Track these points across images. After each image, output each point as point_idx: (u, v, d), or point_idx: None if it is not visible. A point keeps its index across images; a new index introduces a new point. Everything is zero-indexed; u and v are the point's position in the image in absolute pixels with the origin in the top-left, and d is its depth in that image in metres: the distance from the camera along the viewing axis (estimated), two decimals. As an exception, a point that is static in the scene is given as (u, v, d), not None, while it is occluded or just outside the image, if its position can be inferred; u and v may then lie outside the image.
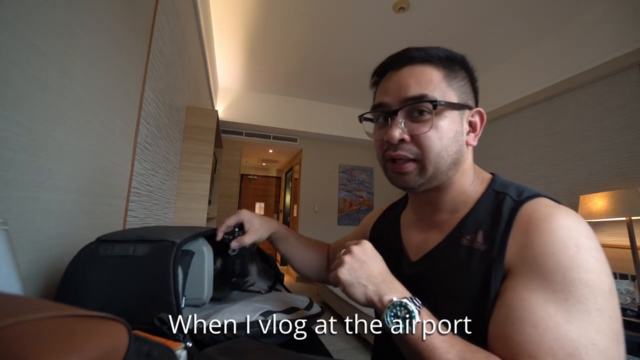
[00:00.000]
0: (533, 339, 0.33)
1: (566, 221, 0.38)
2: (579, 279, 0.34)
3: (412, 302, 0.38)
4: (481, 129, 0.50)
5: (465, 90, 0.49)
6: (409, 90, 0.46)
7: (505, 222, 0.42)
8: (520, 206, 0.42)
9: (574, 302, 0.33)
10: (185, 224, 1.80)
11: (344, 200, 4.57)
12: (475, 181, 0.50)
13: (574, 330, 0.32)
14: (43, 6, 0.52)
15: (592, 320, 0.32)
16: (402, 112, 0.46)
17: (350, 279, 0.41)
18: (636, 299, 1.58)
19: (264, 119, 4.02)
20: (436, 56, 0.48)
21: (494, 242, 0.41)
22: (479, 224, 0.45)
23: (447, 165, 0.46)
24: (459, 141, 0.47)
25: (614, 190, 1.89)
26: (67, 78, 0.61)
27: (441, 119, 0.45)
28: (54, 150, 0.58)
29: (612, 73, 2.15)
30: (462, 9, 2.26)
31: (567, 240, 0.36)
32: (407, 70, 0.48)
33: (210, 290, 0.57)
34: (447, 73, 0.48)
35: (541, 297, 0.35)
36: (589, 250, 0.36)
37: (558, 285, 0.34)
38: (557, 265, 0.35)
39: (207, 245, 0.58)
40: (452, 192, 0.49)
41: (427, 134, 0.45)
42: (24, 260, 0.51)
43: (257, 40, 2.83)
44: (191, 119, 1.90)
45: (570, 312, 0.33)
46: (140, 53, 1.03)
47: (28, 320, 0.19)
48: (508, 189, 0.46)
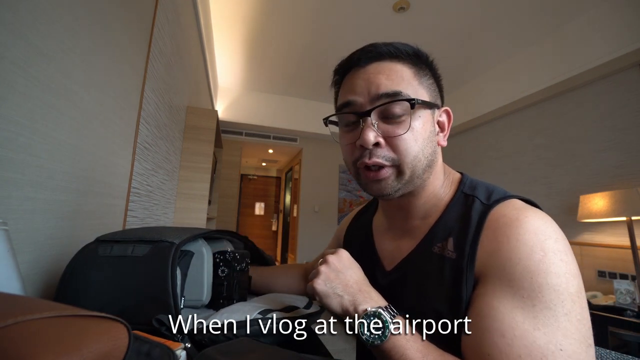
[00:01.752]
0: (502, 349, 0.33)
1: (533, 224, 0.37)
2: (546, 284, 0.34)
3: (387, 311, 0.38)
4: (449, 129, 0.49)
5: (433, 88, 0.47)
6: (380, 87, 0.42)
7: (474, 229, 0.41)
8: (489, 211, 0.41)
9: (542, 308, 0.33)
10: (185, 224, 1.80)
11: (344, 200, 4.57)
12: (445, 182, 0.49)
13: (542, 337, 0.32)
14: (43, 6, 0.52)
15: (560, 326, 0.32)
16: (374, 113, 0.43)
17: (326, 290, 0.41)
18: (636, 299, 1.58)
19: (264, 119, 4.01)
20: (405, 52, 0.44)
21: (463, 250, 0.40)
22: (449, 230, 0.44)
23: (423, 168, 0.44)
24: (433, 142, 0.45)
25: (614, 190, 1.89)
26: (67, 78, 0.61)
27: (415, 119, 0.42)
28: (54, 150, 0.58)
29: (612, 73, 2.15)
30: (462, 9, 2.26)
31: (534, 244, 0.36)
32: (374, 66, 0.44)
33: (210, 292, 0.57)
34: (417, 70, 0.45)
35: (509, 305, 0.34)
36: (556, 254, 0.35)
37: (525, 291, 0.34)
38: (524, 271, 0.35)
39: (207, 246, 0.58)
40: (424, 197, 0.48)
41: (403, 137, 0.42)
42: (24, 260, 0.51)
43: (257, 40, 2.83)
44: (191, 119, 1.90)
45: (537, 318, 0.33)
46: (140, 53, 1.03)
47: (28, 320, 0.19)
48: (477, 191, 0.45)
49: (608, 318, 1.51)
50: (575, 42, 2.28)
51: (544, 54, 2.51)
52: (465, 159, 3.54)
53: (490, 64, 2.98)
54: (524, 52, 2.69)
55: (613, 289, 1.67)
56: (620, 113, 2.10)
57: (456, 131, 3.64)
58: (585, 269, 2.14)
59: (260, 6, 2.36)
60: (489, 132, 3.23)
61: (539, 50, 2.56)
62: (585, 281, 2.13)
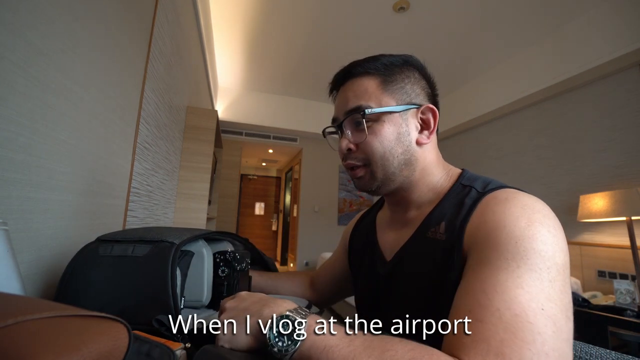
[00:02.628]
0: (482, 303, 0.32)
1: (522, 201, 0.39)
2: (531, 248, 0.34)
3: (298, 312, 0.34)
4: (435, 126, 0.50)
5: (407, 90, 0.50)
6: (348, 103, 0.49)
7: (465, 212, 0.42)
8: (482, 197, 0.43)
9: (526, 270, 0.33)
10: (185, 224, 1.80)
11: (344, 200, 4.57)
12: (443, 177, 0.51)
13: (524, 295, 0.32)
14: (43, 6, 0.52)
15: (544, 289, 0.32)
16: (346, 124, 0.50)
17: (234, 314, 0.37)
18: (636, 299, 1.58)
19: (264, 119, 4.01)
20: (374, 67, 0.50)
21: (452, 232, 0.42)
22: (443, 215, 0.46)
23: (396, 166, 0.48)
24: (403, 142, 0.49)
25: (614, 190, 1.89)
26: (67, 78, 0.61)
27: (379, 124, 0.48)
28: (54, 150, 0.58)
29: (612, 73, 2.15)
30: (462, 9, 2.26)
31: (520, 214, 0.37)
32: (348, 84, 0.51)
33: (210, 292, 0.57)
34: (384, 79, 0.49)
35: (494, 267, 0.34)
36: (543, 225, 0.36)
37: (509, 253, 0.34)
38: (508, 236, 0.35)
39: (207, 247, 0.58)
40: (418, 191, 0.51)
41: (366, 141, 0.48)
42: (24, 260, 0.51)
43: (257, 40, 2.83)
44: (191, 119, 1.90)
45: (521, 278, 0.33)
46: (140, 53, 1.03)
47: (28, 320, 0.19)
48: (475, 183, 0.47)
49: (608, 318, 1.51)
50: (575, 42, 2.28)
51: (544, 54, 2.51)
52: (465, 159, 3.54)
53: (490, 64, 2.98)
54: (524, 52, 2.69)
55: (613, 289, 1.67)
56: (620, 113, 2.10)
57: (456, 131, 3.64)
58: (585, 269, 2.14)
59: (260, 6, 2.36)
60: (489, 132, 3.23)
61: (539, 50, 2.56)
62: (585, 281, 2.13)
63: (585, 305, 1.67)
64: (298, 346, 0.31)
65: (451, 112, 3.55)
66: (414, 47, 2.75)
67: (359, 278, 0.62)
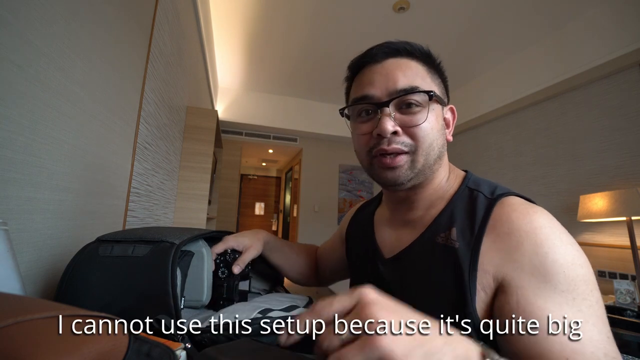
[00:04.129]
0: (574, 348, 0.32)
1: (544, 220, 0.39)
2: (576, 275, 0.35)
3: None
4: (453, 125, 0.52)
5: (442, 87, 0.50)
6: (397, 82, 0.45)
7: (480, 220, 0.42)
8: (494, 204, 0.42)
9: (581, 300, 0.34)
10: (185, 224, 1.80)
11: (344, 200, 4.57)
12: (450, 177, 0.51)
13: (594, 329, 0.33)
14: (43, 6, 0.52)
15: (598, 314, 0.34)
16: (392, 104, 0.45)
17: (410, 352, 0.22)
18: (636, 299, 1.58)
19: (264, 119, 4.01)
20: (419, 51, 0.47)
21: (468, 240, 0.41)
22: (453, 221, 0.45)
23: (434, 158, 0.46)
24: (443, 135, 0.48)
25: (614, 190, 1.89)
26: (67, 78, 0.61)
27: (430, 111, 0.45)
28: (54, 150, 0.58)
29: (612, 73, 2.15)
30: (462, 9, 2.26)
31: (553, 237, 0.37)
32: (391, 62, 0.47)
33: (210, 292, 0.57)
34: (429, 68, 0.48)
35: (555, 302, 0.35)
36: (573, 245, 0.37)
37: (562, 285, 0.35)
38: (554, 265, 0.36)
39: (207, 247, 0.58)
40: (430, 189, 0.49)
41: (421, 126, 0.44)
42: (24, 260, 0.51)
43: (257, 40, 2.83)
44: (191, 119, 1.90)
45: (582, 311, 0.34)
46: (140, 53, 1.03)
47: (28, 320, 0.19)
48: (481, 187, 0.46)
49: (608, 318, 1.51)
50: (575, 42, 2.28)
51: (544, 54, 2.51)
52: (466, 159, 3.54)
53: (490, 64, 2.98)
54: (524, 52, 2.69)
55: (613, 289, 1.67)
56: (620, 113, 2.09)
57: (457, 131, 3.64)
58: (585, 269, 2.14)
59: (260, 6, 2.36)
60: (489, 132, 3.23)
61: (539, 50, 2.56)
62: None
63: (585, 305, 1.66)
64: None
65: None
66: (414, 47, 2.75)
67: (354, 269, 0.62)
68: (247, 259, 0.58)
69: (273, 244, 0.68)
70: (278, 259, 0.69)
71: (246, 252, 0.59)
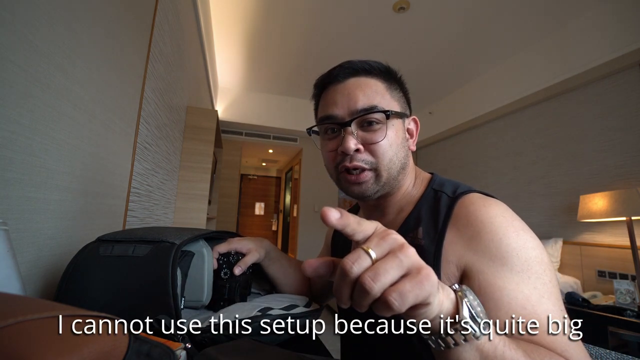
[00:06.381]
0: (531, 318, 0.35)
1: (498, 210, 0.43)
2: (529, 257, 0.39)
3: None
4: (417, 135, 0.55)
5: (402, 100, 0.53)
6: (358, 102, 0.48)
7: (442, 218, 0.45)
8: (455, 202, 0.46)
9: (535, 278, 0.38)
10: (185, 224, 1.80)
11: (344, 201, 4.57)
12: (416, 182, 0.55)
13: (549, 303, 0.37)
14: (43, 6, 0.52)
15: (551, 291, 0.38)
16: (354, 123, 0.48)
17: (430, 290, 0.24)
18: (636, 299, 1.58)
19: (264, 119, 4.01)
20: (377, 69, 0.50)
21: (432, 236, 0.45)
22: (420, 221, 0.48)
23: (397, 170, 0.50)
24: (404, 147, 0.51)
25: (614, 190, 1.89)
26: (67, 78, 0.61)
27: (389, 127, 0.48)
28: (54, 150, 0.58)
29: (612, 73, 2.15)
30: (462, 9, 2.26)
31: (506, 224, 0.41)
32: (352, 81, 0.50)
33: (210, 292, 0.57)
34: (388, 85, 0.51)
35: (512, 281, 0.38)
36: (525, 231, 0.41)
37: (517, 266, 0.39)
38: (508, 248, 0.39)
39: (207, 247, 0.58)
40: (398, 195, 0.53)
41: (380, 143, 0.47)
42: (24, 260, 0.51)
43: (257, 40, 2.83)
44: (191, 119, 1.90)
45: (537, 288, 0.38)
46: (140, 53, 1.03)
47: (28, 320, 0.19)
48: (444, 187, 0.50)
49: (608, 318, 1.51)
50: (576, 42, 2.28)
51: (544, 54, 2.51)
52: (466, 159, 3.54)
53: (490, 64, 2.98)
54: (524, 52, 2.69)
55: (613, 289, 1.67)
56: (620, 113, 2.10)
57: (456, 131, 3.64)
58: (585, 269, 2.14)
59: (260, 6, 2.36)
60: (489, 132, 3.23)
61: (539, 50, 2.56)
62: (585, 281, 2.13)
63: (585, 305, 1.67)
64: (481, 340, 0.27)
65: (451, 112, 3.54)
66: (414, 47, 2.75)
67: None
68: (250, 261, 0.59)
69: (274, 255, 0.68)
70: (275, 271, 0.68)
71: (249, 255, 0.59)
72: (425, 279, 0.23)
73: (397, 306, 0.22)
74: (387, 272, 0.23)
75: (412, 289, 0.23)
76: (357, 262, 0.23)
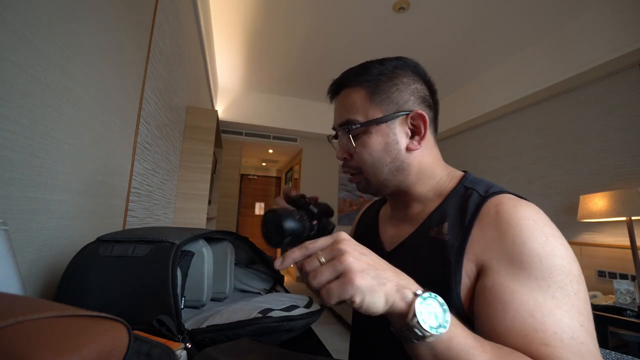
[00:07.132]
0: (537, 327, 0.34)
1: (529, 212, 0.41)
2: (554, 265, 0.37)
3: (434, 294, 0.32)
4: (426, 131, 0.50)
5: (393, 99, 0.50)
6: (339, 116, 0.53)
7: (470, 215, 0.44)
8: (485, 201, 0.45)
9: (556, 288, 0.36)
10: (186, 224, 1.80)
11: (344, 201, 4.57)
12: (444, 178, 0.53)
13: (565, 315, 0.35)
14: (43, 6, 0.52)
15: (574, 304, 0.36)
16: (340, 135, 0.53)
17: (371, 283, 0.30)
18: (636, 299, 1.58)
19: (264, 119, 4.01)
20: (363, 79, 0.51)
21: (457, 233, 0.44)
22: (446, 216, 0.48)
23: (387, 173, 0.50)
24: (392, 151, 0.50)
25: (614, 190, 1.89)
26: (67, 78, 0.61)
27: (367, 136, 0.50)
28: (54, 150, 0.58)
29: (612, 73, 2.15)
30: (462, 9, 2.26)
31: (534, 229, 0.39)
32: (341, 95, 0.53)
33: (210, 292, 0.57)
34: (371, 91, 0.50)
35: (528, 287, 0.37)
36: (556, 238, 0.39)
37: (538, 272, 0.37)
38: (531, 254, 0.38)
39: (207, 246, 0.58)
40: (418, 190, 0.53)
41: (357, 152, 0.51)
42: (24, 260, 0.51)
43: (257, 40, 2.82)
44: (191, 119, 1.90)
45: (555, 297, 0.36)
46: (140, 53, 1.02)
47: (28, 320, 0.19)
48: (477, 186, 0.48)
49: (608, 318, 1.51)
50: (576, 42, 2.28)
51: (544, 54, 2.51)
52: (466, 159, 3.53)
53: (490, 64, 2.98)
54: (524, 52, 2.69)
55: (613, 289, 1.67)
56: (621, 113, 2.09)
57: (456, 131, 3.64)
58: (585, 269, 2.13)
59: (260, 6, 2.36)
60: (489, 132, 3.23)
61: (539, 50, 2.56)
62: (585, 281, 2.13)
63: (585, 305, 1.66)
64: (441, 333, 0.29)
65: (451, 112, 3.54)
66: (414, 47, 2.75)
67: None
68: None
69: None
70: None
71: None
72: (347, 283, 0.29)
73: (326, 299, 0.30)
74: (322, 274, 0.30)
75: (336, 289, 0.29)
76: (309, 264, 0.32)
